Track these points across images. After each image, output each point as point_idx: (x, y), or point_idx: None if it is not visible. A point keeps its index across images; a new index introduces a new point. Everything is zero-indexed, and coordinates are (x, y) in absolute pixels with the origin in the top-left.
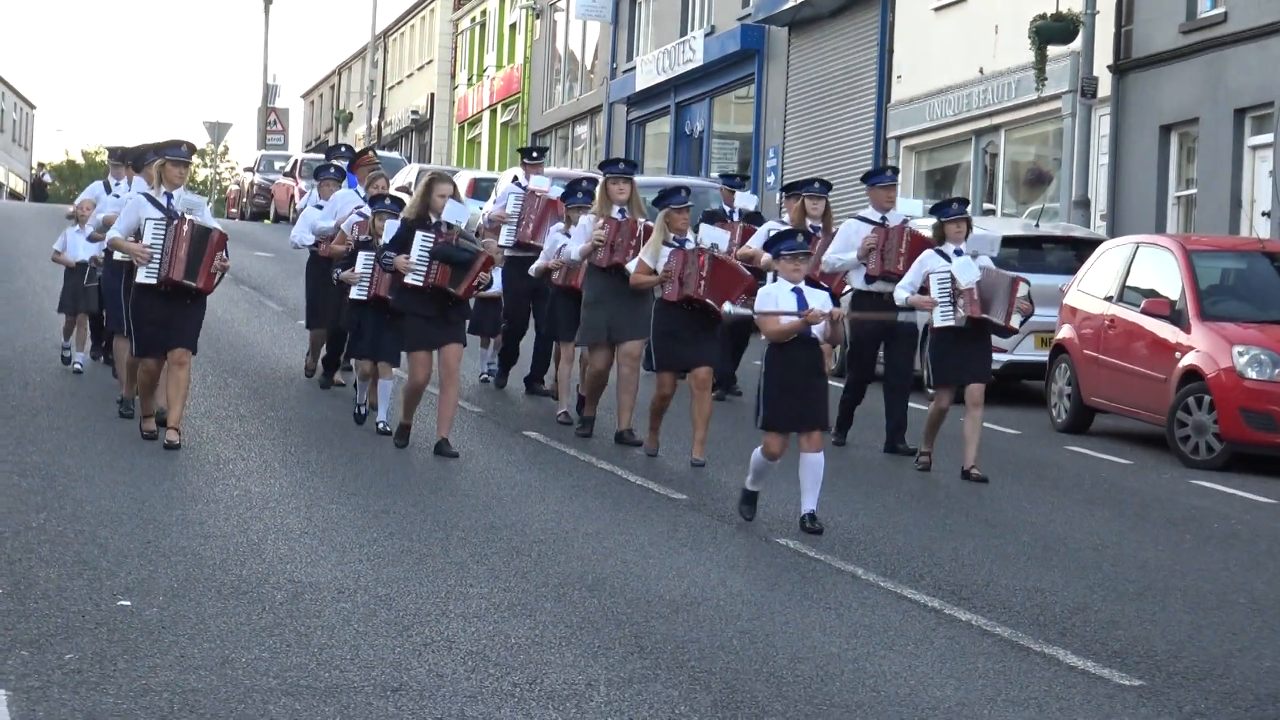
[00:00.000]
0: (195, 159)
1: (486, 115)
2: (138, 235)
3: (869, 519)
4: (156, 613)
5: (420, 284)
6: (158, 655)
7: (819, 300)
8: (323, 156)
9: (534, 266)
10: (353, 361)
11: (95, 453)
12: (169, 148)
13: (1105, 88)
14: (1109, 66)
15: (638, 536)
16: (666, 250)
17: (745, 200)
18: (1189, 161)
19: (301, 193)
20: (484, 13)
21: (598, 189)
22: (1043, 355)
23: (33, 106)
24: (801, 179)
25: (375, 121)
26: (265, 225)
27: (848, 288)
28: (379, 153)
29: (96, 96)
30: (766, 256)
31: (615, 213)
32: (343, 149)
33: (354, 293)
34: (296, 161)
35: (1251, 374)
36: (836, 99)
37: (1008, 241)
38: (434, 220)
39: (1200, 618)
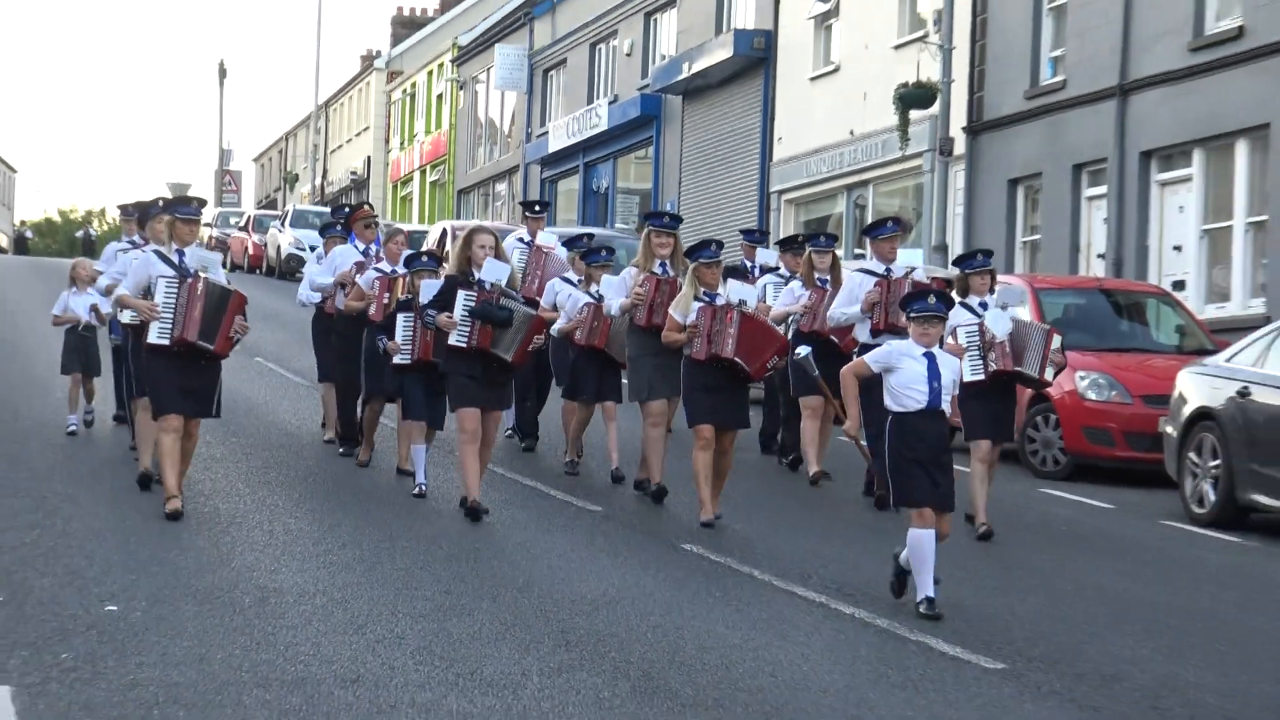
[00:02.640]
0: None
1: (417, 175)
2: (148, 293)
3: (763, 526)
4: (140, 616)
5: (463, 345)
6: (143, 653)
7: (951, 371)
8: (272, 212)
9: (556, 328)
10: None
11: (80, 475)
12: (178, 204)
13: (960, 146)
14: (963, 128)
15: (560, 544)
16: (696, 305)
17: (766, 256)
18: (1034, 211)
19: (255, 245)
20: (414, 85)
21: (641, 241)
22: None
23: (14, 170)
24: (810, 232)
25: (319, 181)
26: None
27: (855, 344)
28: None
29: (71, 160)
30: (777, 309)
31: (657, 267)
32: (346, 209)
33: (397, 359)
34: (249, 217)
35: (1091, 396)
36: (724, 158)
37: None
38: (477, 278)
39: (1054, 610)
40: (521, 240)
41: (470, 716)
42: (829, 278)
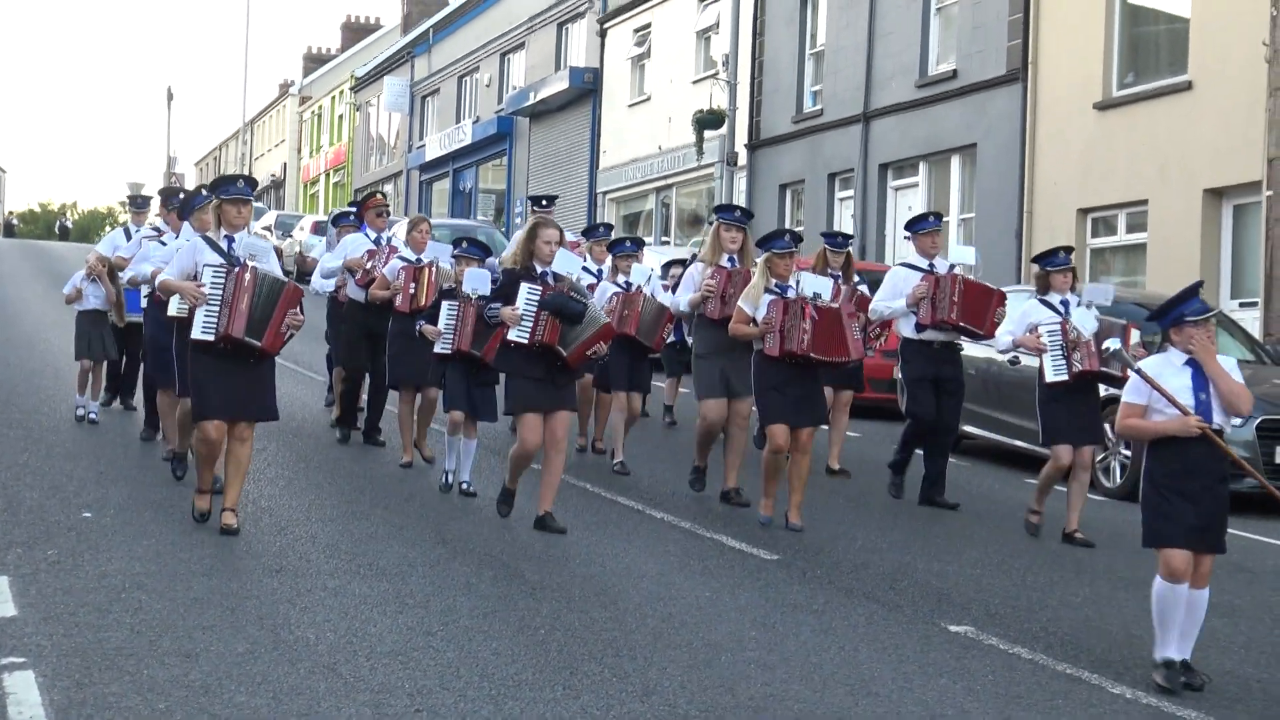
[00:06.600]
0: (120, 208)
1: (323, 177)
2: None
3: (598, 457)
4: (110, 521)
5: (525, 340)
6: (113, 550)
7: (1230, 372)
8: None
9: None
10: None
11: (60, 413)
12: (222, 185)
13: (743, 159)
14: (745, 145)
15: (436, 467)
16: (767, 298)
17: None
18: (799, 208)
19: None
20: (320, 107)
21: (709, 235)
22: None
23: (3, 170)
24: (829, 232)
25: None
26: None
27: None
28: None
29: (49, 163)
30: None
31: (725, 261)
32: (353, 202)
33: (438, 347)
34: None
35: None
36: (562, 166)
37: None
38: (540, 270)
39: (812, 513)
40: None
41: (369, 598)
42: (841, 274)
